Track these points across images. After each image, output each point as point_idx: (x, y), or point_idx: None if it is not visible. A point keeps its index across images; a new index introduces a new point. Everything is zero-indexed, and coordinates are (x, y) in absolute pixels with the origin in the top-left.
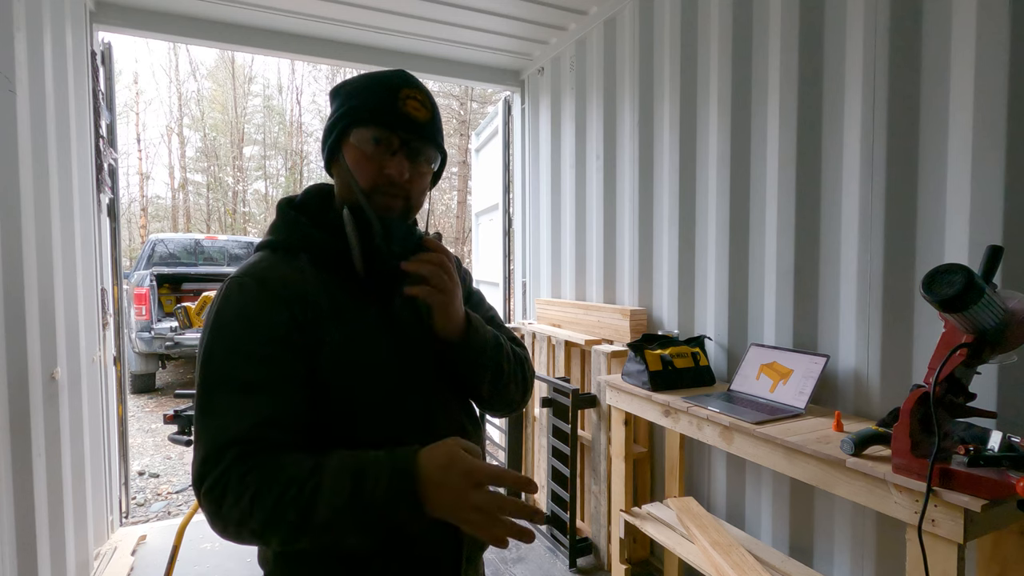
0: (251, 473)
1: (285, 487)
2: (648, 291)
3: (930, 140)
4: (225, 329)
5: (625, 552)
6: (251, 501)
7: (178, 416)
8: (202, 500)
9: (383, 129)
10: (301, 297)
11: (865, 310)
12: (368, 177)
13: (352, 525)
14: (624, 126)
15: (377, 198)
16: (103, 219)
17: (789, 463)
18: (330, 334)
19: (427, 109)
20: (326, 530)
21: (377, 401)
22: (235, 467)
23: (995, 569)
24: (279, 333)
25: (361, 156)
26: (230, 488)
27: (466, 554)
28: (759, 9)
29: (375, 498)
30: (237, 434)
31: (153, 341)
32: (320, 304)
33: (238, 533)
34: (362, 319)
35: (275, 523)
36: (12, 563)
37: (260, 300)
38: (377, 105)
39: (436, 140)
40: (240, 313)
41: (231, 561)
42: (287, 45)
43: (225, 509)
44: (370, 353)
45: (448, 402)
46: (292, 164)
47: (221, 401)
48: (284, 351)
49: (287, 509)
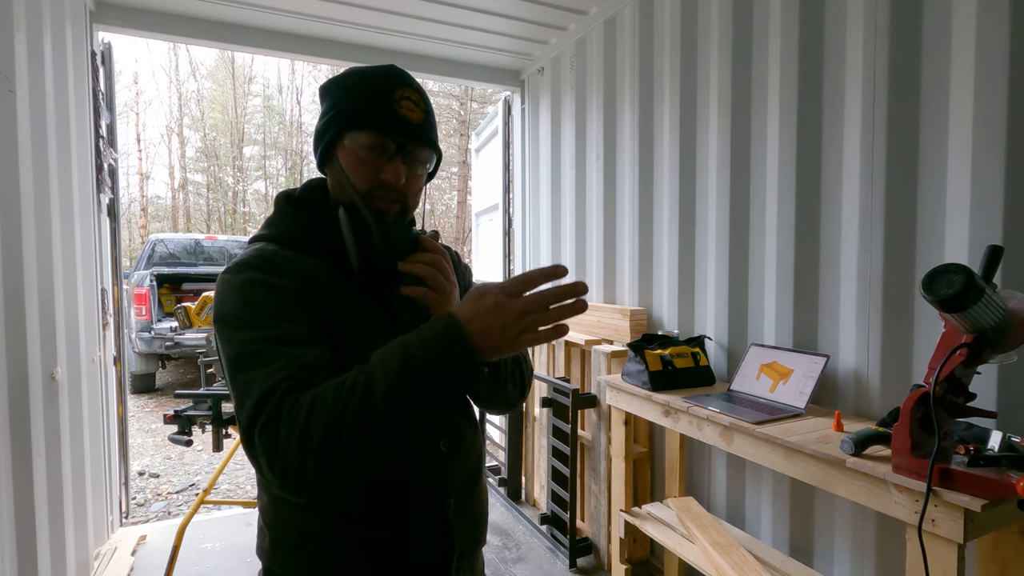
0: (300, 399)
1: (337, 390)
2: (648, 291)
3: (930, 140)
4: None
5: (625, 552)
6: (307, 418)
7: (178, 416)
8: (257, 446)
9: (378, 133)
10: (311, 278)
11: (865, 310)
12: (364, 181)
13: (411, 399)
14: (624, 126)
15: (373, 201)
16: (103, 219)
17: (789, 463)
18: (339, 321)
19: (421, 109)
20: (389, 414)
21: None
22: (284, 401)
23: (995, 569)
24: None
25: (356, 160)
26: (283, 419)
27: (459, 551)
28: (759, 9)
29: (428, 359)
30: (285, 374)
31: (153, 341)
32: (329, 288)
33: (300, 466)
34: (360, 317)
35: (336, 427)
36: (12, 563)
37: (274, 273)
38: (371, 108)
39: (432, 141)
40: (260, 281)
41: (231, 561)
42: (287, 45)
43: (283, 441)
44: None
45: None
46: (292, 164)
47: (263, 355)
48: (310, 311)
49: (345, 407)
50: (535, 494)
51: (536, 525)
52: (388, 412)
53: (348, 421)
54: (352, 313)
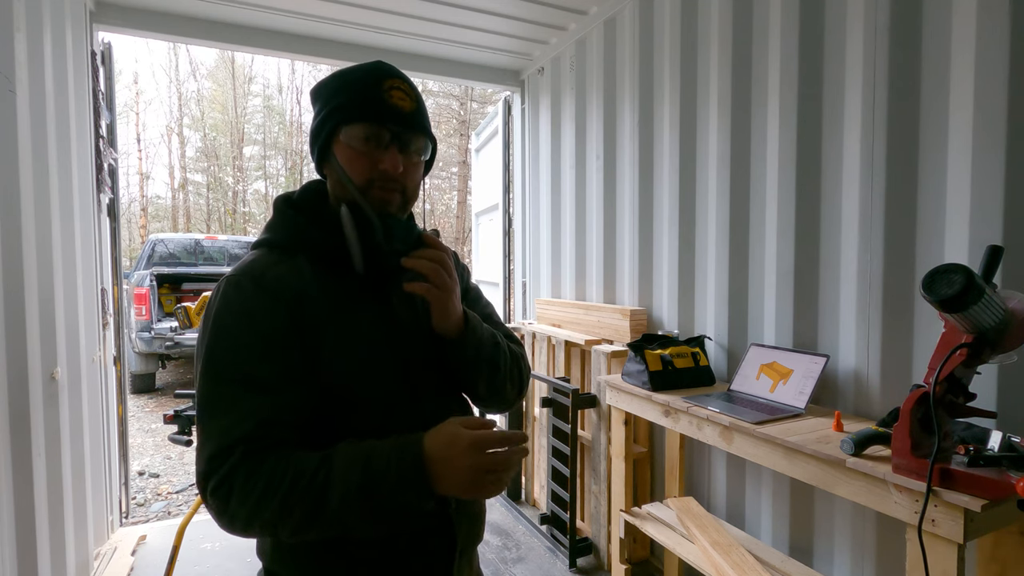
0: (258, 471)
1: (294, 481)
2: (648, 291)
3: (930, 140)
4: (224, 329)
5: (625, 552)
6: (260, 498)
7: (178, 416)
8: (208, 499)
9: (372, 124)
10: (298, 296)
11: (865, 310)
12: (362, 173)
13: (362, 512)
14: (624, 126)
15: (373, 193)
16: (103, 219)
17: (789, 463)
18: (327, 332)
19: (411, 99)
20: (337, 519)
21: (374, 397)
22: (241, 466)
23: (995, 569)
24: (278, 332)
25: (353, 154)
26: (236, 487)
27: (460, 547)
28: (759, 9)
29: (386, 483)
30: (242, 433)
31: (153, 341)
32: (318, 302)
33: (246, 528)
34: (360, 316)
35: (286, 516)
36: (12, 563)
37: (257, 298)
38: (363, 100)
39: (425, 129)
40: (239, 311)
41: (231, 561)
42: (287, 45)
43: (233, 507)
44: (367, 350)
45: (444, 399)
46: (292, 164)
47: (224, 400)
48: (283, 349)
49: (298, 502)
50: (535, 494)
51: (536, 525)
52: (337, 518)
53: (296, 514)
54: (344, 319)
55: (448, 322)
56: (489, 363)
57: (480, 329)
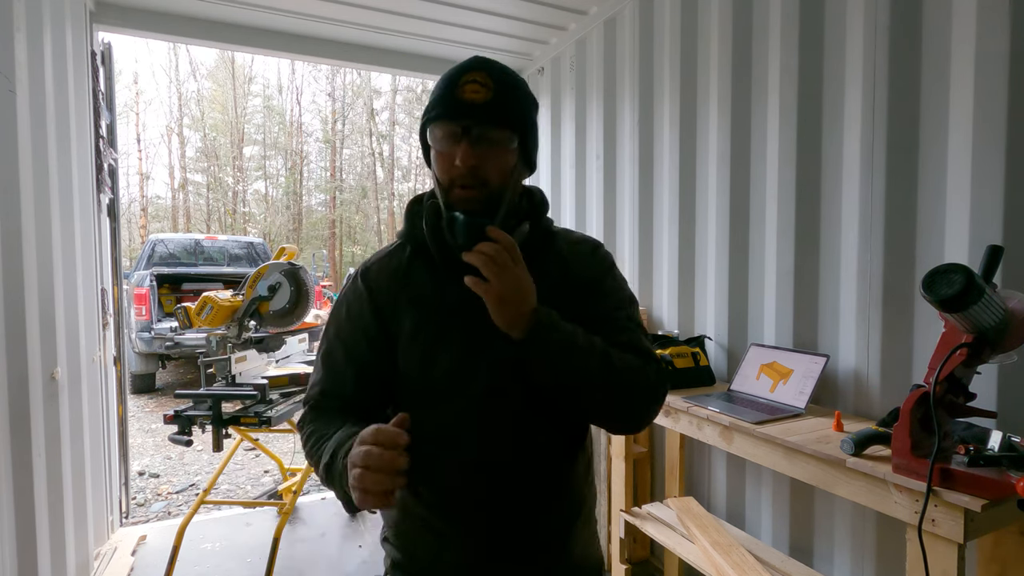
0: (308, 423)
1: (310, 442)
2: (648, 291)
3: (930, 139)
4: (334, 310)
5: (625, 552)
6: (304, 442)
7: (178, 416)
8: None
9: (445, 121)
10: (389, 289)
11: (865, 310)
12: (444, 172)
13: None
14: (624, 126)
15: (455, 191)
16: (103, 219)
17: (789, 463)
18: (405, 322)
19: (488, 89)
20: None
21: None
22: (307, 415)
23: (995, 569)
24: (360, 319)
25: (437, 154)
26: (303, 427)
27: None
28: (759, 8)
29: (334, 470)
30: (311, 395)
31: (153, 341)
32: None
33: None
34: (439, 308)
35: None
36: (12, 563)
37: (354, 290)
38: (438, 99)
39: (503, 118)
40: (342, 299)
41: (231, 561)
42: (287, 45)
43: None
44: (438, 341)
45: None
46: (292, 164)
47: (317, 364)
48: (356, 335)
49: (310, 457)
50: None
51: None
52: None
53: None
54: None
55: (504, 318)
56: (569, 371)
57: (559, 332)
